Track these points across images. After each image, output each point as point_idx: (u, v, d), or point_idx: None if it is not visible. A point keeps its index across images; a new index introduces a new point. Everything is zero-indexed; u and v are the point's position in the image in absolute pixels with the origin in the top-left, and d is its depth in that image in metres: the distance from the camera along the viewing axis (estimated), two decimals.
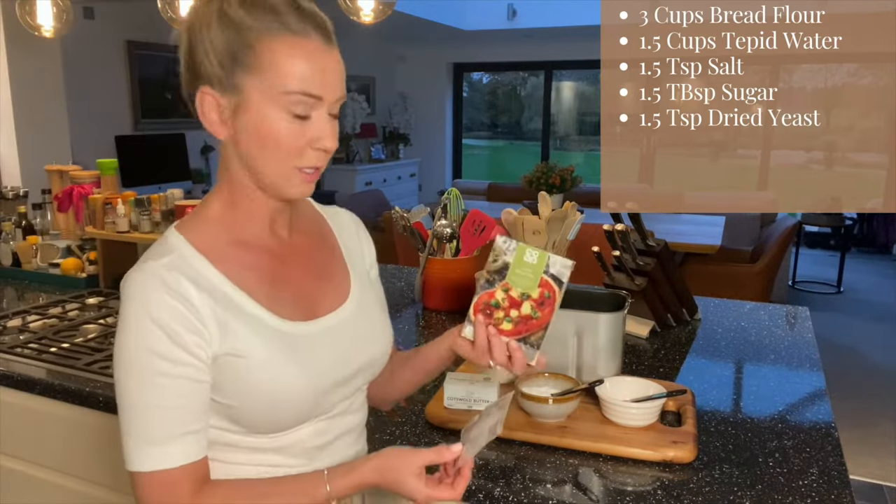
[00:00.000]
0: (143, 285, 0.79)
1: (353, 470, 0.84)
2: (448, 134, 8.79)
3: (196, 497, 0.80)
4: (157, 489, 0.79)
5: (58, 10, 2.62)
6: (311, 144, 0.81)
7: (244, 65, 0.78)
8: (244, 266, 0.85)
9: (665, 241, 1.74)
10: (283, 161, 0.81)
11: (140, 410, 0.79)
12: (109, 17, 5.19)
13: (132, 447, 0.79)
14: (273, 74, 0.77)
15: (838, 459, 1.12)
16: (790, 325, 1.83)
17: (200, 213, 0.87)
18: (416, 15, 5.97)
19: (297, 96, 0.78)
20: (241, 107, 0.79)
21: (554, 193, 4.84)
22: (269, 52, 0.77)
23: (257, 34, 0.77)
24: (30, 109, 3.09)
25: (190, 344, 0.78)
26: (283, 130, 0.79)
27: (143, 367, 0.78)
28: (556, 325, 0.95)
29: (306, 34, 0.78)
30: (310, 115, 0.80)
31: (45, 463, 1.55)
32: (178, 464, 0.79)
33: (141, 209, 2.04)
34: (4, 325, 1.77)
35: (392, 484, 0.83)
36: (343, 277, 0.96)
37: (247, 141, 0.80)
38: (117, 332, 0.81)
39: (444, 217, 1.90)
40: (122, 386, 0.80)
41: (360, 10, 2.15)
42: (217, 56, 0.78)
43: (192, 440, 0.80)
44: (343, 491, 0.83)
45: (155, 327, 0.77)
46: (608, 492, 1.04)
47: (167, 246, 0.83)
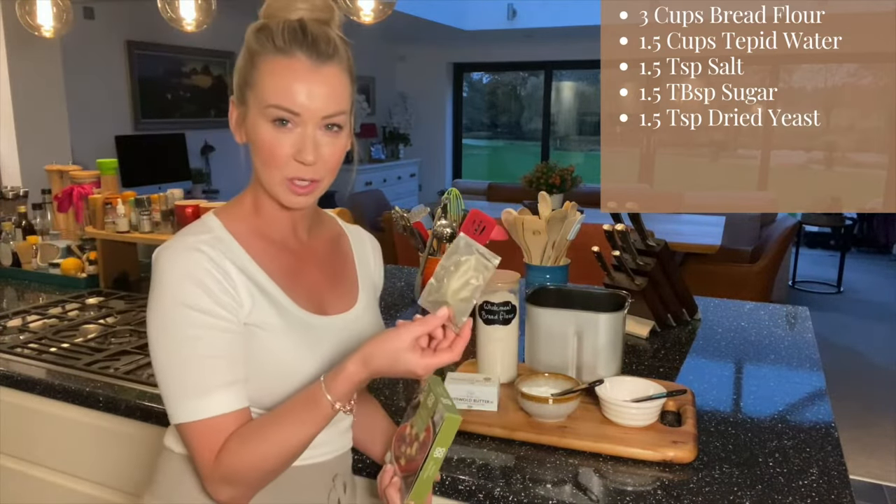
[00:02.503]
0: (183, 254, 0.86)
1: (343, 369, 0.84)
2: (448, 134, 8.79)
3: (225, 442, 0.83)
4: (206, 437, 0.84)
5: (58, 10, 2.62)
6: (294, 157, 0.88)
7: (248, 82, 0.90)
8: (268, 256, 0.93)
9: (665, 241, 1.74)
10: (273, 169, 0.89)
11: (179, 363, 0.84)
12: (109, 17, 5.19)
13: (175, 400, 0.84)
14: (260, 89, 0.88)
15: (838, 459, 1.12)
16: (790, 325, 1.83)
17: (236, 204, 0.97)
18: (416, 15, 5.98)
19: (272, 109, 0.87)
20: (245, 117, 0.91)
21: (554, 193, 4.84)
22: (261, 70, 0.88)
23: (257, 55, 0.89)
24: (30, 109, 3.09)
25: (226, 303, 0.85)
26: (266, 136, 0.88)
27: (181, 321, 0.84)
28: (557, 324, 0.95)
29: (291, 53, 0.87)
30: (289, 126, 0.87)
31: (45, 463, 1.55)
32: (221, 412, 0.84)
33: (141, 209, 2.04)
34: (4, 325, 1.77)
35: (388, 367, 0.84)
36: (352, 286, 1.04)
37: (251, 148, 0.92)
38: (151, 299, 0.86)
39: (444, 217, 1.90)
40: (159, 345, 0.85)
41: (360, 10, 2.14)
42: (237, 74, 0.92)
43: (233, 390, 0.85)
44: (343, 392, 0.84)
45: (193, 286, 0.84)
46: (608, 492, 1.04)
47: (205, 226, 0.92)
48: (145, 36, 5.53)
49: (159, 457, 1.00)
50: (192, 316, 0.84)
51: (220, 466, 0.83)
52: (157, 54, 5.71)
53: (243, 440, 0.84)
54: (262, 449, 0.83)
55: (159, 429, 1.33)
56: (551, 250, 1.74)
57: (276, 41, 0.87)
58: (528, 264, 1.79)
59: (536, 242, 1.75)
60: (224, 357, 0.85)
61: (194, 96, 6.22)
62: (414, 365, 0.83)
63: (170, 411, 0.85)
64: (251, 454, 0.83)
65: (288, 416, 0.85)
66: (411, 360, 0.83)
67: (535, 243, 1.75)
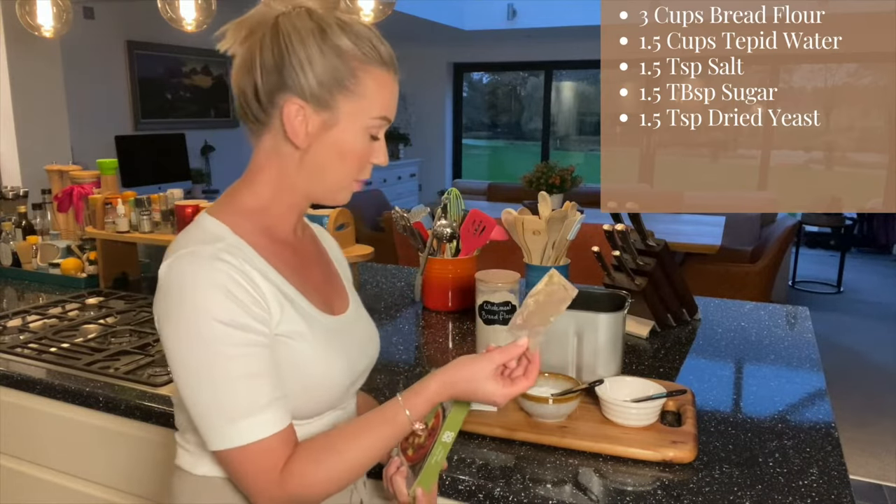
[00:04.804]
0: (207, 264, 0.79)
1: (426, 389, 0.86)
2: (448, 134, 8.79)
3: (287, 467, 0.80)
4: (259, 460, 0.79)
5: (58, 10, 2.62)
6: (370, 160, 0.89)
7: (345, 89, 0.84)
8: (280, 258, 0.89)
9: (665, 241, 1.74)
10: (349, 173, 0.88)
11: (218, 386, 0.78)
12: (109, 17, 5.20)
13: (218, 426, 0.78)
14: (367, 102, 0.85)
15: (838, 459, 1.12)
16: (790, 325, 1.83)
17: (234, 203, 0.90)
18: (416, 15, 5.97)
19: (379, 121, 0.87)
20: (329, 123, 0.85)
21: (554, 193, 4.84)
22: (370, 81, 0.85)
23: (360, 63, 0.84)
24: (30, 109, 3.09)
25: (259, 315, 0.80)
26: (362, 148, 0.87)
27: (215, 339, 0.77)
28: (557, 324, 0.96)
29: (391, 66, 0.88)
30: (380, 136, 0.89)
31: (45, 463, 1.55)
32: (271, 432, 0.79)
33: (141, 209, 2.04)
34: (4, 325, 1.77)
35: (469, 393, 0.87)
36: (340, 282, 1.04)
37: (325, 153, 0.86)
38: (172, 316, 0.79)
39: (444, 217, 1.90)
40: (190, 367, 0.79)
41: (360, 10, 2.14)
42: (316, 75, 0.83)
43: (279, 406, 0.81)
44: (423, 411, 0.86)
45: (225, 299, 0.78)
46: (608, 492, 1.04)
47: (211, 233, 0.85)
48: (145, 36, 5.54)
49: (172, 476, 0.94)
50: (227, 332, 0.77)
51: (289, 487, 0.80)
52: (157, 54, 5.71)
53: (317, 460, 0.81)
54: (339, 467, 0.82)
55: (159, 429, 1.33)
56: (551, 250, 1.74)
57: (383, 55, 0.86)
58: (528, 264, 1.79)
59: (536, 242, 1.75)
60: (266, 374, 0.80)
61: (194, 96, 6.23)
62: (494, 394, 0.87)
63: (209, 437, 0.80)
64: (327, 472, 0.82)
65: (364, 433, 0.84)
66: (492, 389, 0.87)
67: (535, 243, 1.75)
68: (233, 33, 0.87)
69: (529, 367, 0.90)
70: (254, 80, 0.85)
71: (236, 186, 0.93)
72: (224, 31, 0.88)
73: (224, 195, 0.94)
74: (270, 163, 0.89)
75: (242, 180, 0.92)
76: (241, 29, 0.86)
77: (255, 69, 0.84)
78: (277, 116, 0.85)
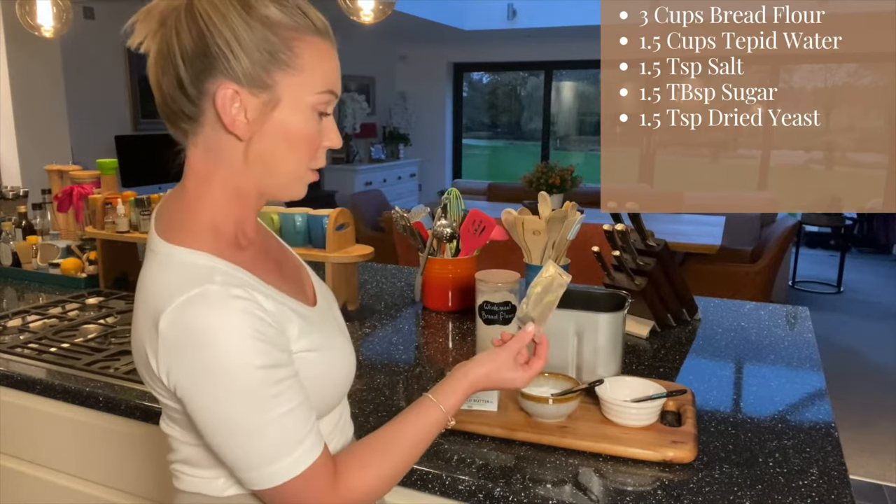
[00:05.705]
0: (222, 310, 0.72)
1: (456, 389, 0.92)
2: (448, 134, 8.79)
3: (337, 479, 0.80)
4: (311, 484, 0.77)
5: (58, 10, 2.62)
6: (322, 143, 0.81)
7: (282, 63, 0.75)
8: (261, 268, 0.82)
9: (665, 241, 1.74)
10: (301, 161, 0.80)
11: (266, 428, 0.74)
12: (109, 17, 5.19)
13: (266, 466, 0.75)
14: (308, 75, 0.76)
15: (838, 459, 1.12)
16: (790, 325, 1.83)
17: (191, 223, 0.80)
18: (416, 15, 5.98)
19: (324, 95, 0.78)
20: (270, 105, 0.76)
21: (554, 193, 4.84)
22: (307, 51, 0.76)
23: (293, 33, 0.75)
24: (30, 109, 3.09)
25: (283, 345, 0.77)
26: (311, 129, 0.78)
27: (259, 385, 0.73)
28: (557, 324, 0.99)
29: (327, 35, 0.79)
30: (328, 113, 0.81)
31: (45, 463, 1.55)
32: (318, 454, 0.78)
33: (141, 209, 2.04)
34: (4, 325, 1.77)
35: (495, 384, 0.96)
36: (300, 266, 0.97)
37: (271, 140, 0.77)
38: (210, 379, 0.72)
39: (444, 217, 1.90)
40: (238, 420, 0.74)
41: (360, 10, 2.14)
42: (247, 53, 0.74)
43: (315, 430, 0.79)
44: (455, 408, 0.92)
45: (258, 342, 0.73)
46: (608, 492, 1.04)
47: (198, 268, 0.75)
48: None
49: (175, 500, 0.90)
50: (266, 375, 0.73)
51: (344, 493, 0.80)
52: None
53: (365, 463, 0.83)
54: (386, 467, 0.84)
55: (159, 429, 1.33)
56: (551, 250, 1.74)
57: (316, 23, 0.77)
58: (528, 264, 1.79)
59: (536, 242, 1.75)
60: (303, 401, 0.77)
61: None
62: (517, 380, 0.96)
63: (257, 477, 0.75)
64: (379, 472, 0.83)
65: (404, 433, 0.86)
66: (514, 377, 0.96)
67: (535, 243, 1.75)
68: (142, 25, 0.77)
69: (539, 347, 0.98)
70: (176, 72, 0.75)
71: (180, 201, 0.81)
72: (131, 23, 0.78)
73: (167, 214, 0.82)
74: (213, 164, 0.79)
75: (184, 191, 0.81)
76: (149, 20, 0.77)
77: (175, 59, 0.74)
78: (210, 107, 0.75)
